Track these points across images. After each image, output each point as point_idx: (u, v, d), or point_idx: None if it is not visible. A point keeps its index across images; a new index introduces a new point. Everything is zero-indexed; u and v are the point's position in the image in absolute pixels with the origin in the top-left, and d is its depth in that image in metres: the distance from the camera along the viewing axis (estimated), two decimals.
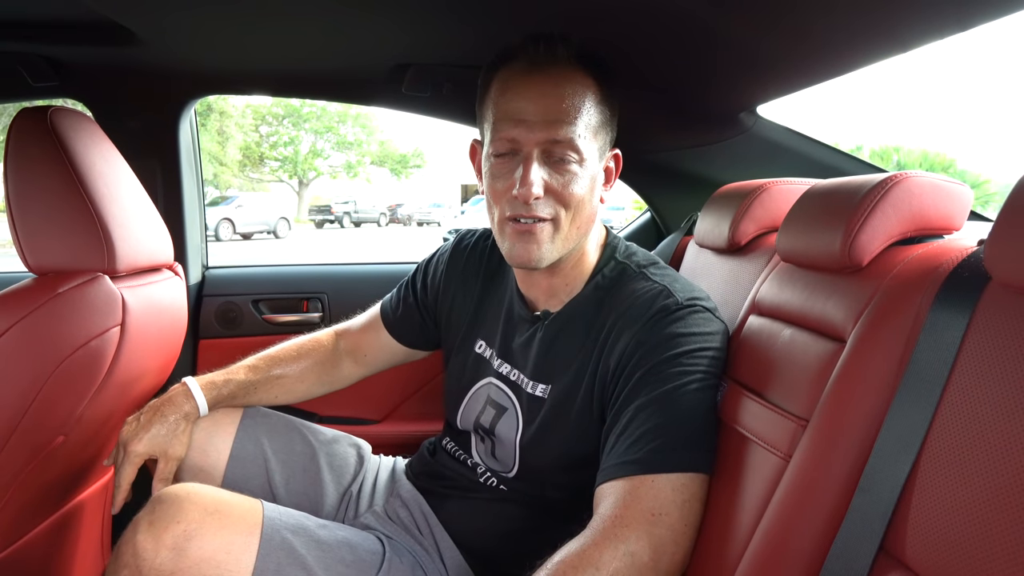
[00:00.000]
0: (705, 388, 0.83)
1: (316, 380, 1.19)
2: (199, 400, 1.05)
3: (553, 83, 0.85)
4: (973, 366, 0.57)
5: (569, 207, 0.87)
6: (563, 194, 0.86)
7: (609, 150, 0.93)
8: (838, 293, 0.77)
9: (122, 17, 1.10)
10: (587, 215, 0.90)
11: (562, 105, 0.84)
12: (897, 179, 0.76)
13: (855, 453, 0.64)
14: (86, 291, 0.94)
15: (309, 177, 25.58)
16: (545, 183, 0.85)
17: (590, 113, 0.87)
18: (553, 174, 0.86)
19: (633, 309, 0.88)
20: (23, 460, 0.94)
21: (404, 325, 1.19)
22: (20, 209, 0.93)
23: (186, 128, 1.61)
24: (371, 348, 1.22)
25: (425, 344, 1.21)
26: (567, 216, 0.88)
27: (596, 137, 0.88)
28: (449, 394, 1.11)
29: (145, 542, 0.81)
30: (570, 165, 0.86)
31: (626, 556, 0.72)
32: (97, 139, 1.03)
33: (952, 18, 0.83)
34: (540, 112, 0.84)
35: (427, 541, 1.02)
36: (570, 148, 0.85)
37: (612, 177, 0.96)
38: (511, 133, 0.85)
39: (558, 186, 0.86)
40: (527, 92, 0.85)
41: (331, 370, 1.20)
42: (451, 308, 1.12)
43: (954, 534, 0.53)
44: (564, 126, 0.84)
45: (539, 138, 0.84)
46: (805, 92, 1.21)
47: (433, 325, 1.17)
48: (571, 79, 0.86)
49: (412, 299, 1.18)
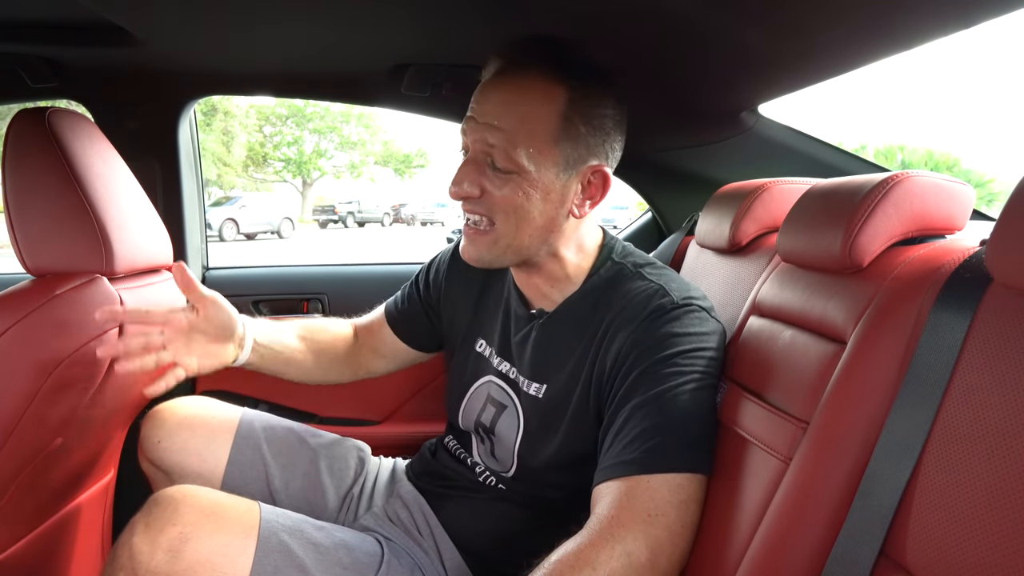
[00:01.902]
0: (702, 388, 0.83)
1: (334, 373, 1.20)
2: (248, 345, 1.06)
3: (507, 89, 0.86)
4: (975, 368, 0.56)
5: (504, 214, 0.87)
6: (495, 201, 0.87)
7: (587, 165, 0.88)
8: (839, 294, 0.76)
9: (121, 18, 1.10)
10: (537, 226, 0.88)
11: (506, 110, 0.84)
12: (898, 179, 0.75)
13: (855, 456, 0.63)
14: (84, 293, 0.93)
15: (313, 177, 25.64)
16: (482, 186, 0.87)
17: (546, 125, 0.84)
18: (492, 180, 0.86)
19: (629, 309, 0.88)
20: (21, 462, 0.94)
21: (409, 325, 1.19)
22: (18, 210, 0.93)
23: (185, 129, 1.61)
24: (382, 344, 1.22)
25: (429, 344, 1.21)
26: (505, 223, 0.88)
27: (552, 149, 0.85)
28: (451, 393, 1.11)
29: (141, 544, 0.81)
30: (508, 174, 0.86)
31: (623, 556, 0.72)
32: (95, 140, 1.02)
33: (953, 16, 0.82)
34: (485, 114, 0.85)
35: (427, 542, 1.02)
36: (503, 156, 0.85)
37: (597, 193, 0.91)
38: (463, 125, 0.88)
39: (492, 191, 0.86)
40: (482, 94, 0.88)
41: (351, 365, 1.22)
42: (454, 307, 1.12)
43: (956, 538, 0.52)
44: (498, 132, 0.84)
45: (476, 137, 0.86)
46: (808, 91, 1.21)
47: (438, 323, 1.17)
48: (530, 88, 0.85)
49: (417, 298, 1.18)
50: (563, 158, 0.86)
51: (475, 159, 0.87)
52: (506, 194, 0.86)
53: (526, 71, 0.86)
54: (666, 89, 1.29)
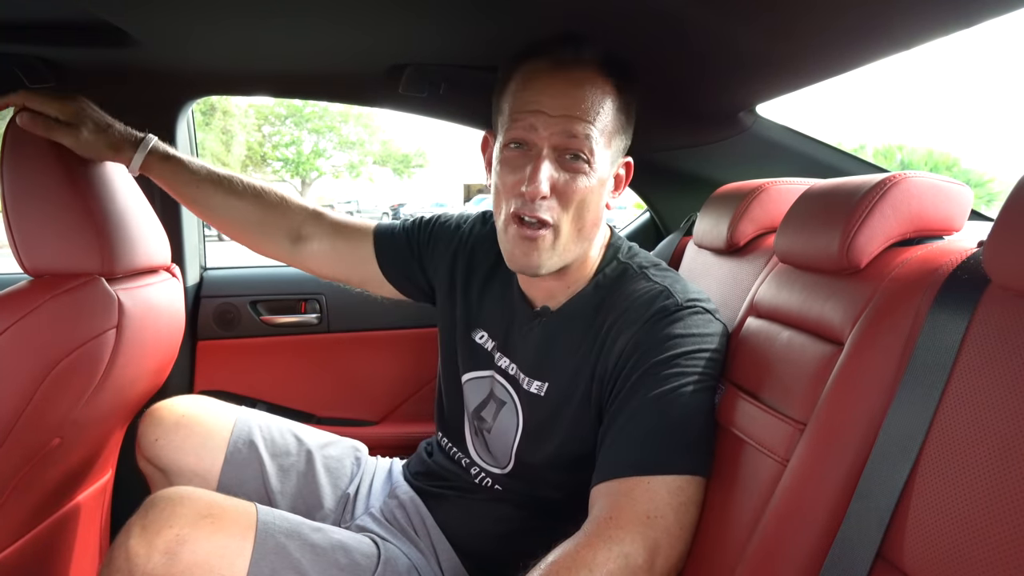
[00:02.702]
0: (703, 390, 0.83)
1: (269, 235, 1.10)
2: (141, 153, 0.99)
3: (575, 82, 0.85)
4: (972, 370, 0.56)
5: (572, 209, 0.86)
6: (568, 195, 0.85)
7: (622, 157, 0.93)
8: (836, 295, 0.76)
9: (118, 19, 1.10)
10: (590, 220, 0.89)
11: (581, 104, 0.84)
12: (895, 180, 0.75)
13: (852, 458, 0.63)
14: (82, 293, 0.93)
15: (312, 177, 25.58)
16: (552, 181, 0.85)
17: (607, 118, 0.86)
18: (562, 173, 0.85)
19: (632, 309, 0.87)
20: (19, 462, 0.94)
21: (393, 255, 1.13)
22: (16, 211, 0.93)
23: (183, 129, 1.60)
24: (341, 249, 1.13)
25: (396, 279, 1.14)
26: (568, 220, 0.86)
27: (610, 143, 0.88)
28: (444, 379, 1.09)
29: (138, 547, 0.81)
30: (580, 165, 0.85)
31: (620, 558, 0.72)
32: None
33: (951, 16, 0.82)
34: (559, 107, 0.84)
35: (424, 543, 1.02)
36: (583, 148, 0.84)
37: (622, 185, 0.96)
38: (529, 120, 0.85)
39: (564, 186, 0.85)
40: (549, 87, 0.85)
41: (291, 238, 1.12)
42: (452, 279, 1.08)
43: (953, 541, 0.52)
44: (580, 123, 0.84)
45: (554, 131, 0.84)
46: (807, 90, 1.20)
47: (422, 277, 1.12)
48: (592, 81, 0.85)
49: (415, 239, 1.12)
50: (615, 150, 0.90)
51: (550, 155, 0.84)
52: (579, 189, 0.85)
53: (583, 65, 0.86)
54: (663, 89, 1.29)
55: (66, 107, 0.94)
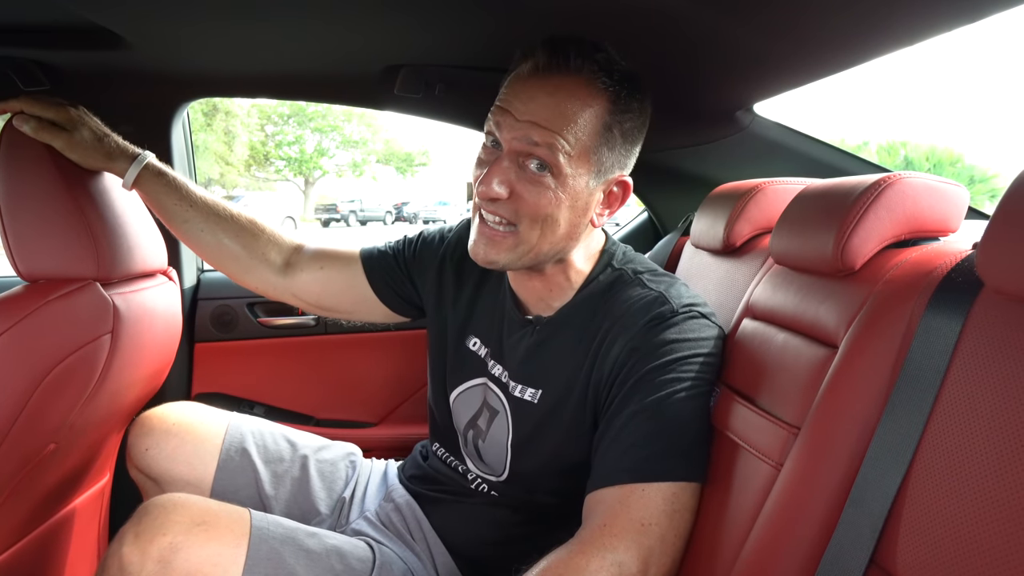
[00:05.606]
0: (699, 395, 0.82)
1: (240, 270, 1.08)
2: (136, 167, 0.99)
3: (550, 89, 0.81)
4: (966, 374, 0.55)
5: (531, 220, 0.83)
6: (526, 204, 0.82)
7: (614, 175, 0.87)
8: (831, 297, 0.76)
9: (112, 22, 1.10)
10: (561, 234, 0.85)
11: (553, 111, 0.80)
12: (890, 180, 0.74)
13: (846, 463, 0.62)
14: (77, 299, 0.93)
15: (315, 176, 25.62)
16: (512, 187, 0.82)
17: (584, 131, 0.81)
18: (523, 181, 0.82)
19: (628, 316, 0.86)
20: (14, 467, 0.93)
21: (383, 274, 1.11)
22: (11, 215, 0.93)
23: (179, 131, 1.60)
24: (331, 274, 1.11)
25: (388, 298, 1.12)
26: (530, 228, 0.83)
27: (588, 157, 0.82)
28: (435, 388, 1.07)
29: (131, 555, 0.80)
30: (543, 176, 0.81)
31: (614, 565, 0.71)
32: None
33: (949, 14, 0.81)
34: (526, 112, 0.81)
35: (419, 547, 1.01)
36: (545, 157, 0.80)
37: (616, 203, 0.90)
38: (496, 119, 0.83)
39: (524, 194, 0.82)
40: (523, 91, 0.82)
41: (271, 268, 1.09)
42: (440, 290, 1.07)
43: (946, 547, 0.51)
44: (544, 132, 0.80)
45: (516, 135, 0.81)
46: (809, 87, 1.19)
47: (414, 292, 1.11)
48: (573, 90, 0.81)
49: (394, 262, 1.11)
50: (597, 166, 0.84)
51: (510, 158, 0.82)
52: (537, 199, 0.82)
53: (571, 73, 0.81)
54: (660, 88, 1.27)
55: (64, 112, 0.94)
